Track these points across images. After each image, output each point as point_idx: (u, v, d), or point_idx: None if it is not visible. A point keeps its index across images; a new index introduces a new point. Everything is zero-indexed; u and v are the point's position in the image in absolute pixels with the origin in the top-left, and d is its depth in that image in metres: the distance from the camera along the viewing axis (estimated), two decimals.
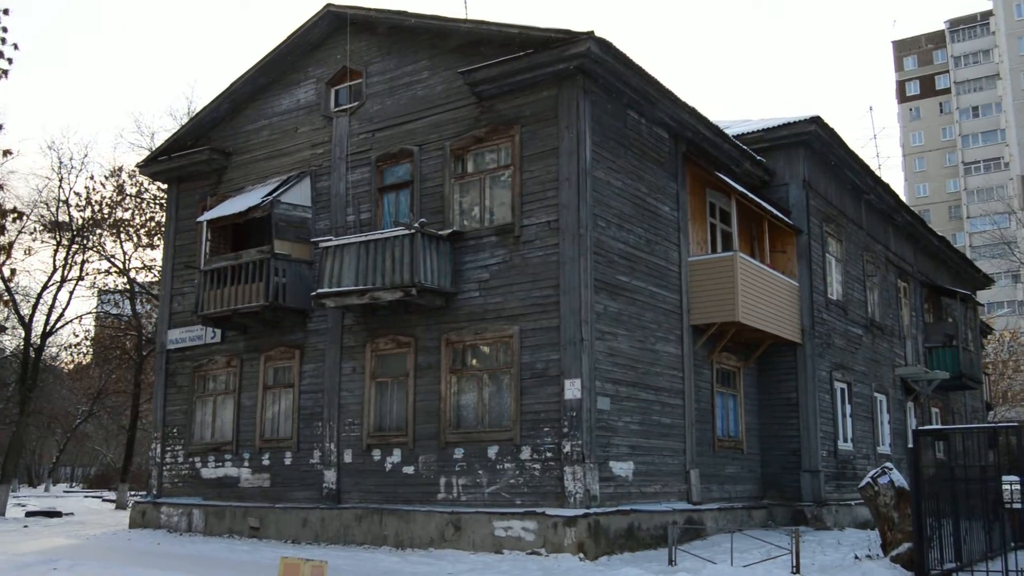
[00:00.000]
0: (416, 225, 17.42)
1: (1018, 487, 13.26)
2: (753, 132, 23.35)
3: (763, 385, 22.56)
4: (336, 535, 18.47)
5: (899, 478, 14.29)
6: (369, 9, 20.06)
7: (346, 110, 20.51)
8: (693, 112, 19.91)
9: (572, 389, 16.14)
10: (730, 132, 22.28)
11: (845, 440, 24.01)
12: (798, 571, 13.65)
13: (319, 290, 18.39)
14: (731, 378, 21.54)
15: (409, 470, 17.96)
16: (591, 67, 17.16)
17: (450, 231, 17.96)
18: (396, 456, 18.23)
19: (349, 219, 19.81)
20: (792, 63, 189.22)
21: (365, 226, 19.31)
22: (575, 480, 15.84)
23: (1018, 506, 13.61)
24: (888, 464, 15.02)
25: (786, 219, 22.30)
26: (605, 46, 16.91)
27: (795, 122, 23.17)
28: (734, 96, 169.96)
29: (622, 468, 17.02)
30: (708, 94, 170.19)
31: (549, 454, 16.26)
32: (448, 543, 16.72)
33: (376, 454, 18.55)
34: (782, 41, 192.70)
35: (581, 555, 15.15)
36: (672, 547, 14.96)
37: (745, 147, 22.27)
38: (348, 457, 18.98)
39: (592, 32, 16.58)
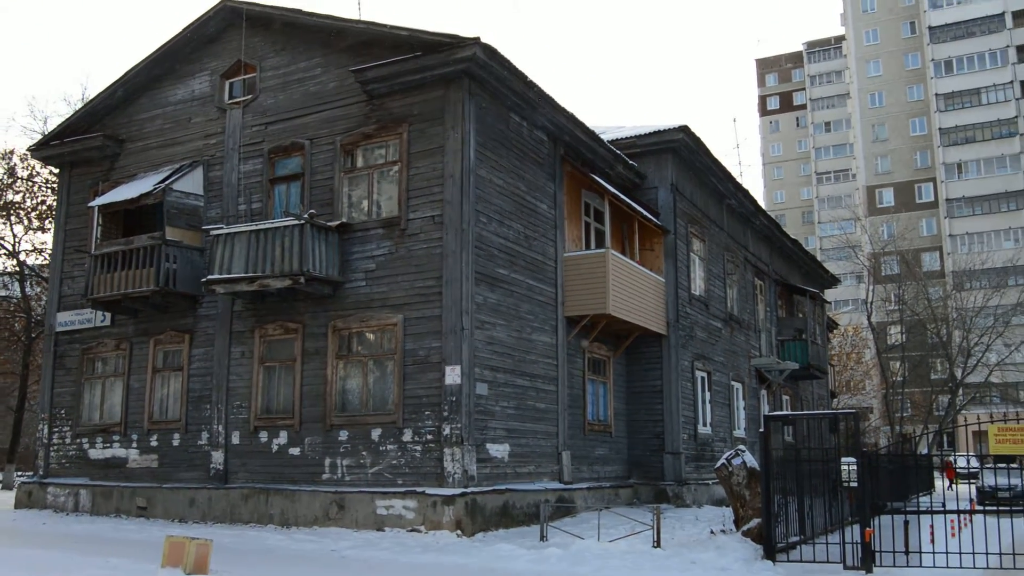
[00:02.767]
0: (306, 216, 17.13)
1: (855, 467, 13.76)
2: (626, 138, 23.69)
3: (631, 373, 22.95)
4: (223, 514, 18.07)
5: (751, 459, 14.67)
6: (265, 5, 19.63)
7: (240, 103, 20.02)
8: (571, 117, 20.08)
9: (452, 375, 16.12)
10: (605, 137, 22.54)
11: (704, 424, 24.61)
12: (659, 545, 13.91)
13: (209, 276, 17.94)
14: (601, 366, 21.83)
15: (295, 451, 17.67)
16: (477, 71, 17.13)
17: (339, 223, 17.72)
18: (283, 438, 17.91)
19: (240, 208, 19.37)
20: (667, 75, 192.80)
21: (256, 216, 18.92)
22: (454, 461, 15.83)
23: (855, 484, 14.13)
24: (742, 447, 15.41)
25: (655, 219, 22.69)
26: (490, 52, 16.91)
27: (665, 130, 23.61)
28: (614, 103, 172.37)
29: (498, 450, 17.08)
30: (589, 101, 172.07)
31: (430, 436, 16.21)
32: (332, 521, 16.53)
33: (263, 436, 18.20)
34: (659, 55, 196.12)
35: (459, 532, 15.16)
36: (544, 524, 15.09)
37: (618, 151, 22.57)
38: (236, 439, 18.58)
39: (478, 38, 16.56)
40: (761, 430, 13.73)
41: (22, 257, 34.14)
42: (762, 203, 36.97)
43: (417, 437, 16.33)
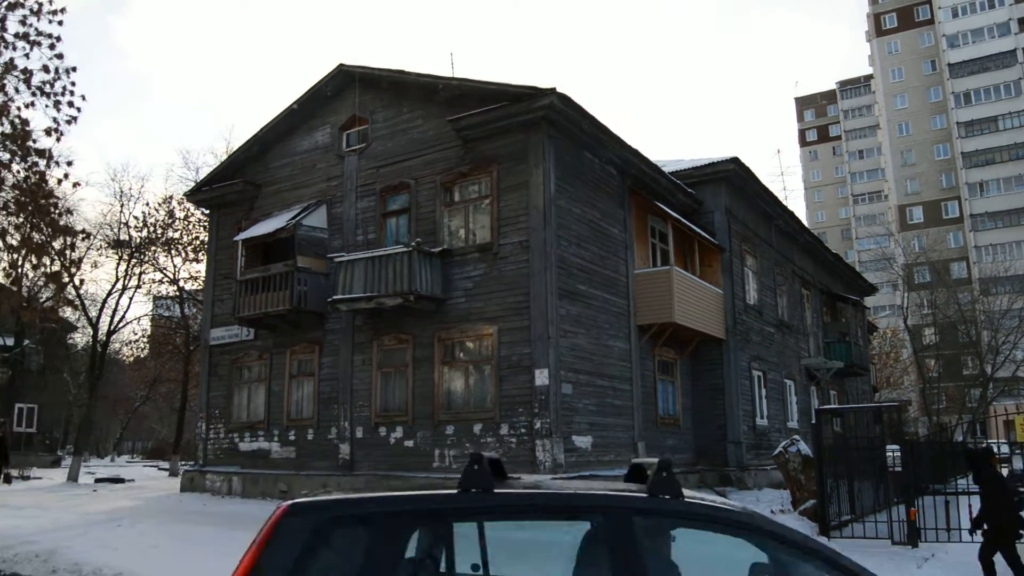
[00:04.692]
0: (413, 244, 17.26)
1: (899, 454, 13.26)
2: (685, 169, 23.35)
3: (695, 373, 22.50)
4: None
5: (805, 448, 14.27)
6: (374, 68, 19.91)
7: (355, 150, 20.32)
8: (636, 153, 19.86)
9: (541, 377, 16.02)
10: (666, 169, 22.24)
11: (762, 417, 24.00)
12: None
13: (334, 297, 18.18)
14: (669, 368, 21.46)
15: (409, 444, 17.75)
16: (554, 116, 17.08)
17: (441, 249, 17.81)
18: (399, 432, 18.01)
19: (358, 239, 19.62)
20: (720, 114, 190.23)
21: (371, 245, 19.13)
22: (544, 451, 15.70)
23: (899, 469, 13.60)
24: (796, 436, 15.01)
25: (712, 240, 22.28)
26: (565, 100, 16.84)
27: (718, 162, 23.21)
28: (673, 138, 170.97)
29: (582, 441, 16.89)
30: (653, 134, 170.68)
31: (523, 430, 16.11)
32: None
33: (382, 430, 18.33)
34: (713, 96, 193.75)
35: None
36: None
37: (678, 181, 22.24)
38: (359, 433, 18.75)
39: (555, 88, 16.51)
40: (813, 422, 13.33)
41: (181, 283, 35.12)
42: (805, 223, 35.99)
43: (512, 430, 16.26)
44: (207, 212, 25.92)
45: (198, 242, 33.71)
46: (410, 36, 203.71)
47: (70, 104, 13.97)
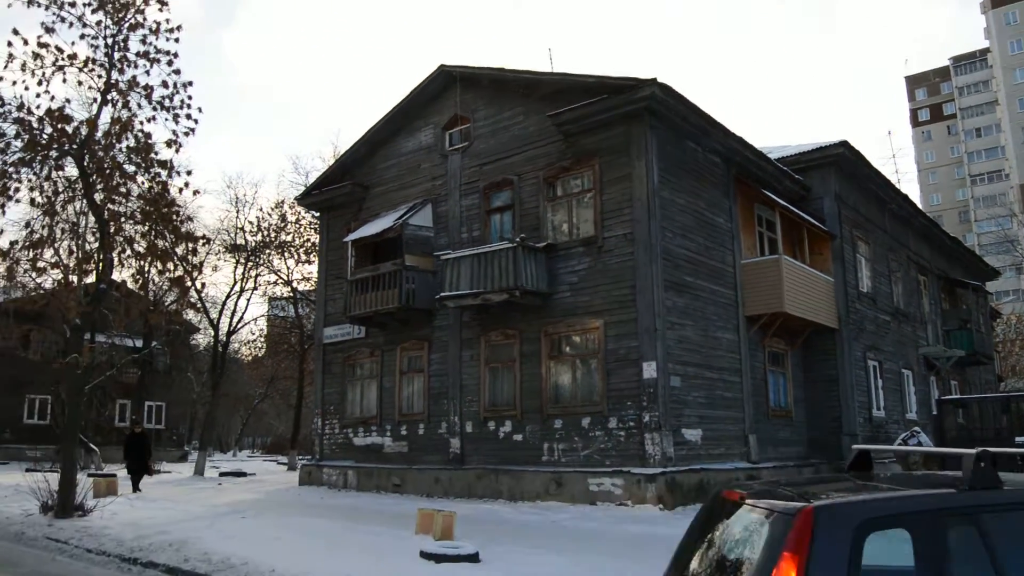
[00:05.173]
0: (517, 240, 17.29)
1: None
2: (791, 155, 22.64)
3: (807, 364, 21.78)
4: (461, 490, 18.44)
5: (926, 440, 13.67)
6: (474, 67, 20.04)
7: (458, 149, 20.51)
8: (740, 141, 19.37)
9: (649, 370, 15.82)
10: (772, 155, 21.60)
11: (878, 408, 23.03)
12: None
13: (442, 294, 18.40)
14: (780, 359, 20.86)
15: (518, 438, 17.82)
16: (655, 107, 16.82)
17: (545, 244, 17.79)
18: (507, 426, 18.11)
19: (463, 236, 19.79)
20: (825, 97, 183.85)
21: (476, 241, 19.26)
22: (654, 444, 15.51)
23: None
24: (916, 428, 14.40)
25: (821, 227, 21.54)
26: (666, 90, 16.56)
27: (826, 146, 22.42)
28: (777, 123, 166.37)
29: (692, 434, 16.61)
30: (754, 120, 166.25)
31: (632, 423, 15.95)
32: (552, 496, 16.55)
33: (491, 425, 18.47)
34: (817, 79, 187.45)
35: (660, 506, 14.84)
36: None
37: (785, 168, 21.58)
38: (469, 428, 18.94)
39: (655, 79, 16.25)
40: (934, 413, 12.74)
41: (295, 285, 36.22)
42: (920, 206, 34.26)
43: (621, 424, 16.11)
44: (317, 215, 26.63)
45: (309, 244, 34.67)
46: (501, 32, 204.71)
47: (188, 117, 14.57)
